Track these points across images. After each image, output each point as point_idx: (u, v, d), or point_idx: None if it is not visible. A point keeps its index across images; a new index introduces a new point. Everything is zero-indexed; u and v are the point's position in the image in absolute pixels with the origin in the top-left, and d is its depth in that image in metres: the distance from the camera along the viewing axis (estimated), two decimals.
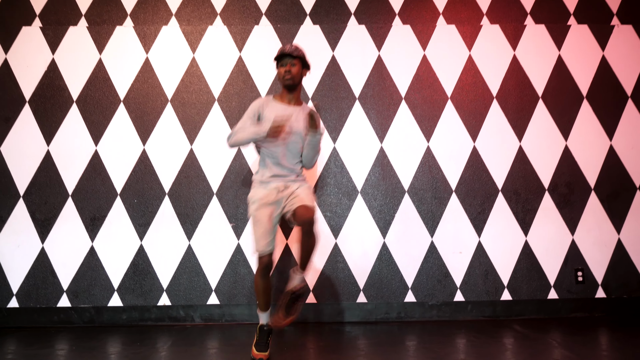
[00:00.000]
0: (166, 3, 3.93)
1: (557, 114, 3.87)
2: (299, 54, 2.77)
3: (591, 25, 3.96)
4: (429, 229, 3.73)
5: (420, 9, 3.96)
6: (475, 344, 2.92)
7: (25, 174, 3.71)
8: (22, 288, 3.60)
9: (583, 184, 3.81)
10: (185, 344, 2.99)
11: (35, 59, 3.82)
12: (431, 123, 3.84)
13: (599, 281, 3.72)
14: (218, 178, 3.73)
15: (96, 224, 3.68)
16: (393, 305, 3.66)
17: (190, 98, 3.82)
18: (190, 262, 3.65)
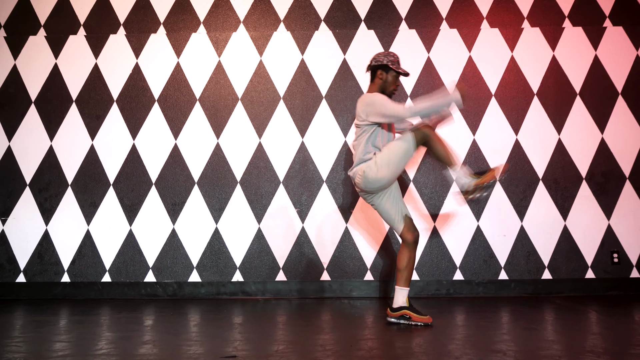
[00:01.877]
0: (235, 11, 4.38)
1: (594, 109, 4.20)
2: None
3: (626, 27, 4.27)
4: (475, 215, 4.11)
5: (465, 14, 4.33)
6: (521, 314, 3.28)
7: (114, 164, 4.20)
8: (114, 265, 4.10)
9: (618, 174, 4.14)
10: (260, 317, 3.41)
11: (121, 64, 4.32)
12: (477, 118, 4.21)
13: (634, 262, 4.05)
14: (284, 168, 4.16)
15: (176, 209, 4.15)
16: (443, 282, 4.04)
17: (258, 97, 4.26)
18: (260, 243, 4.09)
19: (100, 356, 2.28)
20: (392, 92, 3.10)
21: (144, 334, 2.76)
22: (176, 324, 3.03)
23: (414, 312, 2.92)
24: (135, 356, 2.27)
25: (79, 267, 4.10)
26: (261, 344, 2.47)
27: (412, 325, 2.88)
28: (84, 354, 2.31)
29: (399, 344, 2.44)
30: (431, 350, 2.30)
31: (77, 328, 2.93)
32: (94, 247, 4.11)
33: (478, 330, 2.76)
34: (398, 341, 2.51)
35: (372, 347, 2.37)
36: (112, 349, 2.40)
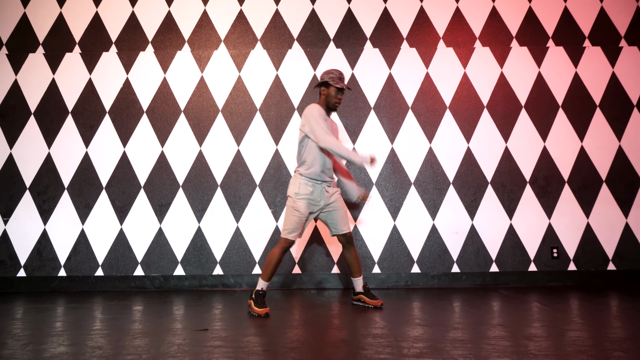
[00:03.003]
0: (216, 31, 4.85)
1: (537, 120, 4.72)
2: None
3: (566, 47, 4.80)
4: (431, 214, 4.60)
5: (424, 34, 4.84)
6: (470, 303, 3.77)
7: (106, 169, 4.65)
8: (106, 260, 4.54)
9: (558, 178, 4.65)
10: (235, 305, 3.87)
11: (113, 78, 4.77)
12: (433, 128, 4.70)
13: (571, 257, 4.55)
14: (260, 173, 4.64)
15: (163, 209, 4.61)
16: (402, 275, 4.52)
17: (237, 109, 4.73)
18: (238, 240, 4.56)
19: (95, 332, 2.73)
20: (334, 104, 3.48)
21: (132, 316, 3.22)
22: (161, 309, 3.49)
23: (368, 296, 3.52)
24: (125, 331, 2.72)
25: (74, 262, 4.54)
26: (234, 324, 2.93)
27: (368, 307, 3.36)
28: (80, 332, 2.76)
29: (362, 327, 2.91)
30: (393, 333, 2.77)
31: (74, 313, 3.38)
32: (88, 245, 4.56)
33: (432, 315, 3.24)
34: (361, 325, 2.99)
35: (340, 329, 2.84)
36: (105, 327, 2.86)
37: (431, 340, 2.43)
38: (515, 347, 2.28)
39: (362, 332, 2.65)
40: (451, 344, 2.36)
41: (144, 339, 2.54)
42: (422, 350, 2.25)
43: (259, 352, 2.24)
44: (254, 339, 2.50)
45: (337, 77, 3.48)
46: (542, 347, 2.28)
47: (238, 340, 2.49)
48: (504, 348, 2.27)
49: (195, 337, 2.56)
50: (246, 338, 2.53)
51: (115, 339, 2.55)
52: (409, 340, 2.44)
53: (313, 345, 2.37)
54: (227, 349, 2.31)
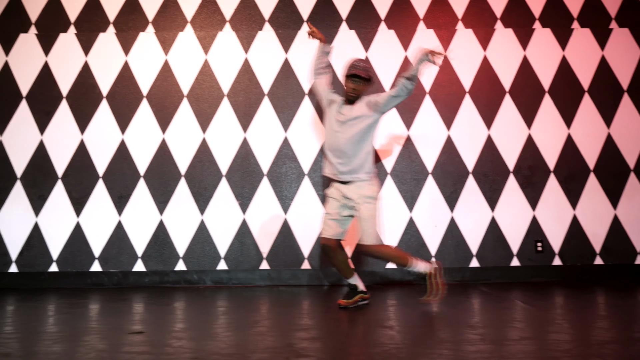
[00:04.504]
0: (182, 12, 4.55)
1: (522, 106, 4.44)
2: (367, 75, 3.17)
3: (553, 28, 4.52)
4: (408, 206, 4.32)
5: (403, 15, 4.55)
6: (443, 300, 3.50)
7: (63, 158, 4.36)
8: (61, 255, 4.25)
9: (544, 167, 4.38)
10: (198, 302, 3.60)
11: (71, 62, 4.47)
12: (411, 114, 4.42)
13: (556, 251, 4.29)
14: (227, 162, 4.35)
15: (123, 201, 4.32)
16: (377, 271, 4.25)
17: (203, 94, 4.44)
18: (202, 233, 4.28)
19: (48, 334, 2.45)
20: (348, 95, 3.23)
21: (86, 314, 2.94)
22: (111, 308, 3.21)
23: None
24: (48, 333, 2.44)
25: (27, 257, 4.25)
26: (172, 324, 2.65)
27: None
28: (32, 331, 2.48)
29: (331, 324, 2.64)
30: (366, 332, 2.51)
31: (25, 311, 3.09)
32: (42, 239, 4.27)
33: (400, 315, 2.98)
34: (333, 322, 2.72)
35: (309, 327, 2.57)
36: (24, 329, 2.58)
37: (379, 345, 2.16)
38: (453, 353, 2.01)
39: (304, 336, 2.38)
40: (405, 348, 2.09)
41: (63, 343, 2.26)
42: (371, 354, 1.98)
43: (187, 359, 1.96)
44: (187, 344, 2.22)
45: (347, 66, 3.26)
46: (513, 352, 2.01)
47: (169, 345, 2.21)
48: (468, 354, 2.00)
49: (122, 342, 2.28)
50: (180, 343, 2.25)
51: (31, 344, 2.26)
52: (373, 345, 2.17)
53: (248, 353, 2.09)
54: (152, 355, 2.03)
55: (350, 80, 3.21)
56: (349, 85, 3.21)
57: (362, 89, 3.22)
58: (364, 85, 3.21)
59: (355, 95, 3.21)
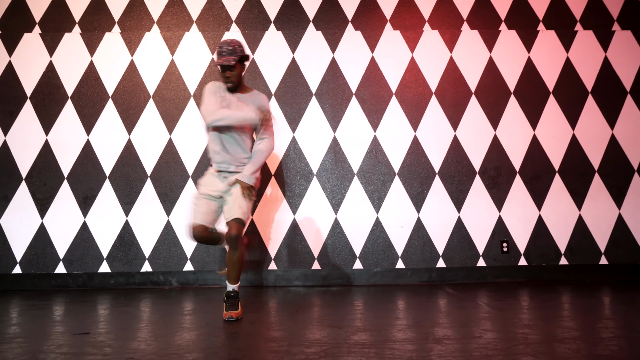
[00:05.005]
0: (149, 12, 4.53)
1: (488, 107, 4.47)
2: (235, 58, 2.89)
3: (519, 30, 4.56)
4: (375, 207, 4.33)
5: (369, 17, 4.56)
6: (413, 303, 3.51)
7: (27, 159, 4.31)
8: (25, 257, 4.21)
9: (509, 168, 4.41)
10: (164, 303, 3.57)
11: (35, 62, 4.43)
12: (378, 115, 4.43)
13: (522, 251, 4.32)
14: (193, 163, 4.33)
15: (88, 202, 4.29)
16: (343, 271, 4.25)
17: (169, 94, 4.42)
18: (169, 234, 4.25)
19: (10, 337, 2.42)
20: (227, 84, 3.01)
21: (44, 317, 2.91)
22: (86, 313, 3.18)
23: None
24: (42, 329, 2.42)
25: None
26: (134, 325, 2.63)
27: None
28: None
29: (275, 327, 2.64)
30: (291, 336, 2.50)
31: None
32: (5, 240, 4.22)
33: (372, 317, 2.98)
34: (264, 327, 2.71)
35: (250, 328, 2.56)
36: (20, 328, 2.55)
37: (328, 345, 2.16)
38: (417, 352, 2.01)
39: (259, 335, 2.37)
40: (347, 348, 2.09)
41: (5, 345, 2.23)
42: (311, 356, 1.98)
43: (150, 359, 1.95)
44: (151, 344, 2.21)
45: (217, 52, 2.95)
46: (448, 350, 2.02)
47: (132, 346, 2.19)
48: (402, 353, 2.00)
49: (68, 342, 2.26)
50: (143, 344, 2.24)
51: None
52: (303, 345, 2.17)
53: (207, 352, 2.08)
54: (109, 356, 2.01)
55: (223, 68, 2.96)
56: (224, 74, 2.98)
57: (236, 73, 2.97)
58: (235, 70, 2.96)
59: (232, 84, 2.99)
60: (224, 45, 2.92)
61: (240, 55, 2.95)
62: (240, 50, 2.94)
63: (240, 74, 3.03)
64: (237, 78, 3.00)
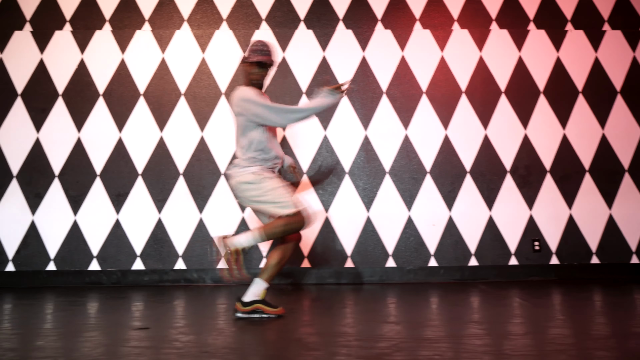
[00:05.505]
0: (179, 10, 4.54)
1: (518, 106, 4.49)
2: (273, 62, 2.92)
3: (548, 30, 4.58)
4: (407, 205, 4.34)
5: (399, 16, 4.58)
6: (446, 298, 3.53)
7: (59, 157, 4.31)
8: (59, 254, 4.21)
9: (540, 167, 4.42)
10: (198, 301, 3.58)
11: (67, 59, 4.43)
12: (408, 114, 4.45)
13: (553, 250, 4.34)
14: (225, 160, 4.34)
15: (120, 199, 4.29)
16: (376, 269, 4.27)
17: (200, 92, 4.43)
18: (202, 232, 4.26)
19: (12, 331, 2.42)
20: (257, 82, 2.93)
21: (70, 314, 2.91)
22: (110, 306, 3.18)
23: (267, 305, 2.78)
24: (51, 329, 2.42)
25: (24, 256, 4.20)
26: (176, 320, 2.64)
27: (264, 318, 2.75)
28: (33, 328, 2.45)
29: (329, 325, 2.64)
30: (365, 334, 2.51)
31: (25, 308, 3.06)
32: (39, 237, 4.22)
33: (405, 312, 2.99)
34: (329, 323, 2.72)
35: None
36: (57, 323, 2.55)
37: (396, 339, 2.17)
38: (490, 347, 2.03)
39: (311, 331, 2.38)
40: (416, 343, 2.10)
41: (67, 339, 2.24)
42: (384, 350, 1.99)
43: (196, 353, 1.96)
44: (195, 339, 2.21)
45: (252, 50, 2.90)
46: (518, 345, 2.03)
47: (177, 340, 2.20)
48: (476, 347, 2.01)
49: (128, 337, 2.26)
50: (187, 338, 2.25)
51: (36, 339, 2.24)
52: (370, 340, 2.18)
53: (258, 346, 2.09)
54: (157, 350, 2.02)
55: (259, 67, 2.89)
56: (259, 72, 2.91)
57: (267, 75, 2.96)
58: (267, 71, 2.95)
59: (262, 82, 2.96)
60: (263, 45, 2.89)
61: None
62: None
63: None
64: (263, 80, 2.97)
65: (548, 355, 1.87)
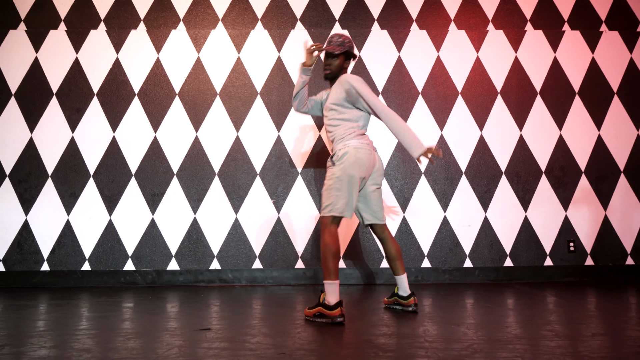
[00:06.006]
0: (214, 9, 4.53)
1: (553, 107, 4.48)
2: (341, 51, 2.92)
3: (583, 31, 4.57)
4: (442, 205, 4.33)
5: (434, 16, 4.57)
6: (484, 298, 3.51)
7: (94, 156, 4.30)
8: (94, 254, 4.20)
9: (575, 168, 4.41)
10: (233, 301, 3.57)
11: (102, 58, 4.43)
12: (444, 115, 4.44)
13: (588, 251, 4.32)
14: (261, 160, 4.33)
15: (156, 199, 4.28)
16: (411, 270, 4.25)
17: (236, 92, 4.42)
18: (237, 232, 4.25)
19: (82, 331, 2.41)
20: (324, 73, 3.03)
21: (122, 314, 2.90)
22: (154, 307, 3.17)
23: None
24: (116, 331, 2.41)
25: (59, 256, 4.19)
26: (237, 323, 2.63)
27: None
28: (64, 332, 2.44)
29: (377, 327, 2.63)
30: (403, 330, 2.50)
31: (57, 311, 3.05)
32: (74, 237, 4.21)
33: (443, 311, 2.98)
34: (376, 324, 2.71)
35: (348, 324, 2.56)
36: (92, 326, 2.54)
37: (471, 341, 2.16)
38: (570, 348, 2.01)
39: (382, 332, 2.37)
40: (491, 345, 2.09)
41: (138, 339, 2.23)
42: (463, 351, 1.98)
43: (273, 355, 1.95)
44: (264, 340, 2.20)
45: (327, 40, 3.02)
46: (594, 347, 2.02)
47: (246, 341, 2.19)
48: (552, 349, 2.00)
49: (196, 338, 2.25)
50: (255, 339, 2.23)
51: (105, 340, 2.23)
52: (439, 341, 2.17)
53: (333, 347, 2.08)
54: (233, 351, 2.01)
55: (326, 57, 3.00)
56: (323, 63, 3.03)
57: (336, 64, 2.96)
58: (337, 61, 2.96)
59: (330, 71, 2.98)
60: (335, 36, 2.95)
61: (346, 50, 2.95)
62: (349, 46, 2.95)
63: (340, 67, 2.98)
64: (336, 69, 2.97)
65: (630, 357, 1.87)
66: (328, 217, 2.74)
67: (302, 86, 3.08)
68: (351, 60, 3.08)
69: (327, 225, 2.74)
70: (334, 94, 2.92)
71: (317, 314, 2.68)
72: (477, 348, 2.03)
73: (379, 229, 2.99)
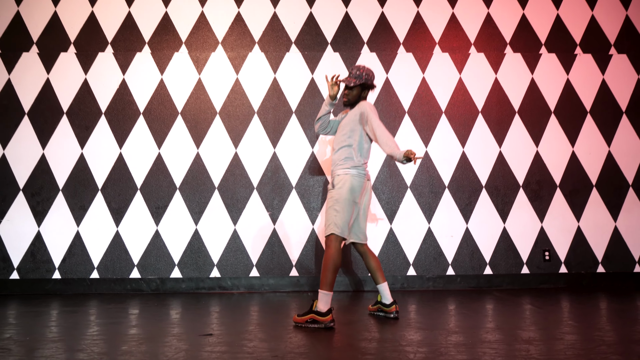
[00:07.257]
0: (214, 33, 4.84)
1: (530, 125, 4.81)
2: (356, 83, 3.22)
3: (558, 54, 4.90)
4: (427, 217, 4.66)
5: (420, 39, 4.89)
6: (467, 306, 3.84)
7: (102, 171, 4.62)
8: (102, 263, 4.51)
9: (550, 182, 4.75)
10: (232, 308, 3.89)
11: (109, 79, 4.74)
12: (429, 132, 4.77)
13: (562, 259, 4.65)
14: (258, 175, 4.65)
15: (160, 211, 4.59)
16: (397, 277, 4.58)
17: (234, 111, 4.74)
18: (235, 242, 4.56)
19: (96, 336, 2.72)
20: (343, 101, 3.37)
21: (131, 320, 3.21)
22: (160, 313, 3.48)
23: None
24: (127, 335, 2.72)
25: (69, 264, 4.50)
26: (236, 328, 2.95)
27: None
28: (79, 336, 2.75)
29: (362, 332, 2.95)
30: (383, 335, 2.81)
31: (71, 317, 3.36)
32: (83, 247, 4.52)
33: (430, 319, 3.30)
34: (361, 329, 3.03)
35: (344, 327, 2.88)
36: (105, 331, 2.85)
37: (433, 345, 2.48)
38: (515, 351, 2.34)
39: (364, 337, 2.69)
40: (455, 348, 2.41)
41: (148, 344, 2.54)
42: (427, 354, 2.30)
43: (267, 357, 2.26)
44: (260, 344, 2.52)
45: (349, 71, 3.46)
46: (542, 350, 2.34)
47: (244, 345, 2.51)
48: (505, 352, 2.32)
49: (200, 342, 2.57)
50: (252, 343, 2.55)
51: (118, 344, 2.55)
52: (413, 345, 2.49)
53: (320, 351, 2.40)
54: (233, 354, 2.33)
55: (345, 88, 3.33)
56: (343, 91, 3.35)
57: (353, 94, 3.28)
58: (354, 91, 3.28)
59: (347, 100, 3.32)
60: (355, 68, 3.27)
61: (363, 82, 3.26)
62: (366, 78, 3.26)
63: (358, 97, 3.31)
64: (354, 98, 3.31)
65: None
66: (332, 235, 3.09)
67: (325, 113, 3.40)
68: (369, 90, 3.37)
69: (333, 242, 3.08)
70: (351, 114, 3.28)
71: (310, 320, 3.00)
72: (443, 351, 2.35)
73: (360, 246, 3.34)
